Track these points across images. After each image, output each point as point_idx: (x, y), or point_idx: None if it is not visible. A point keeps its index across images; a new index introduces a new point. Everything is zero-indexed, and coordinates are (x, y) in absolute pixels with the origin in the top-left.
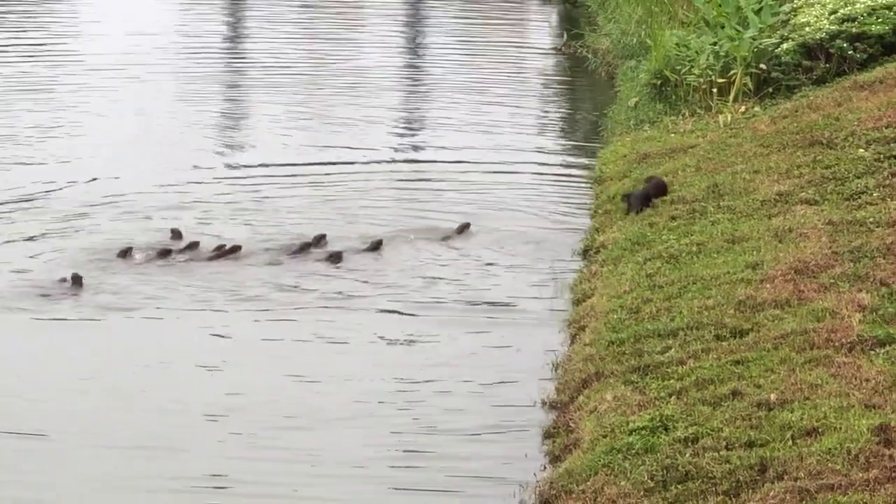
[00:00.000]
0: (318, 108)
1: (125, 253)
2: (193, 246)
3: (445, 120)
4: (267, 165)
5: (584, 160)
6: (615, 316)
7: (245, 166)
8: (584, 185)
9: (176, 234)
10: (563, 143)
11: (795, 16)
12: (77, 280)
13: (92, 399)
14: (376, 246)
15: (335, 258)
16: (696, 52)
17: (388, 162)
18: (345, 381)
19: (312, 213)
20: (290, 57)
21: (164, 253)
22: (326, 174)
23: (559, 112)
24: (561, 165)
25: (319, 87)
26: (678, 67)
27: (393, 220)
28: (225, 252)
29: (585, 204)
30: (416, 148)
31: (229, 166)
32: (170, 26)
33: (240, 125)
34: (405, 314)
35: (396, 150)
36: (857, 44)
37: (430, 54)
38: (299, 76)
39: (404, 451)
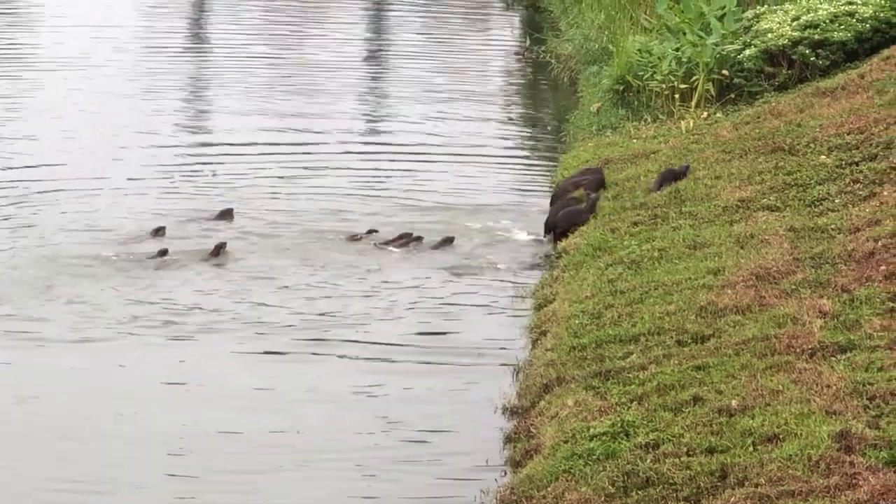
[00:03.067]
0: (279, 102)
1: (157, 231)
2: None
3: (406, 124)
4: (229, 155)
5: (547, 165)
6: (577, 321)
7: (206, 154)
8: (546, 190)
9: (226, 214)
10: (525, 148)
11: (758, 22)
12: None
13: (29, 431)
14: (448, 241)
15: (447, 242)
16: (659, 58)
17: (344, 166)
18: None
19: (277, 206)
20: (252, 52)
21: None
22: (288, 166)
23: (521, 117)
24: (523, 170)
25: (281, 82)
26: (640, 73)
27: (353, 221)
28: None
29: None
30: (375, 149)
31: (190, 156)
32: (130, 21)
33: (199, 118)
34: (366, 328)
35: (353, 154)
36: (820, 50)
37: (391, 60)
38: (261, 70)
39: (367, 447)
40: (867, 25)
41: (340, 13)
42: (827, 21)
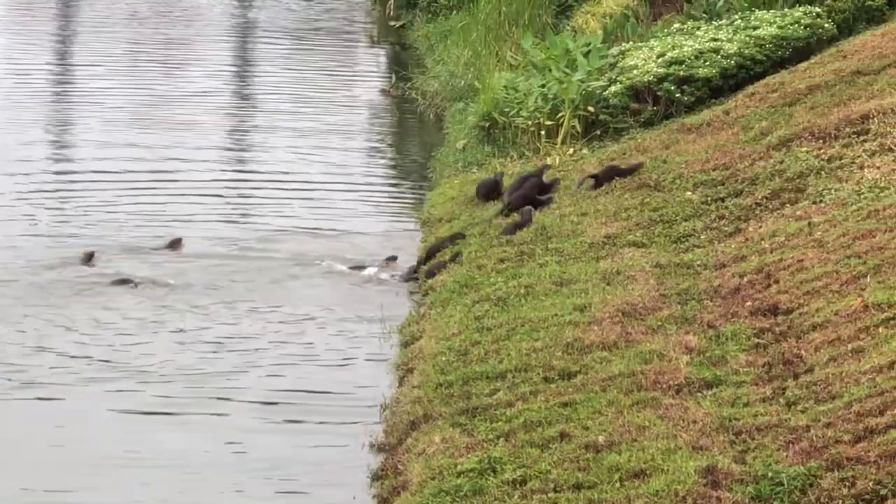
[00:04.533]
0: (144, 134)
1: (89, 258)
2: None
3: (270, 162)
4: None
5: (413, 202)
6: (443, 358)
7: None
8: (412, 227)
9: (175, 243)
10: (391, 185)
11: (623, 59)
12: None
13: None
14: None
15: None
16: (525, 94)
17: (209, 196)
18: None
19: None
20: (116, 83)
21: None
22: (152, 197)
23: (387, 154)
24: (389, 207)
25: (146, 114)
26: (507, 110)
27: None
28: None
29: (414, 246)
30: (240, 181)
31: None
32: None
33: (62, 149)
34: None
35: (218, 184)
36: (685, 87)
37: (257, 94)
38: (126, 102)
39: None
40: (732, 62)
41: (206, 47)
42: (692, 58)
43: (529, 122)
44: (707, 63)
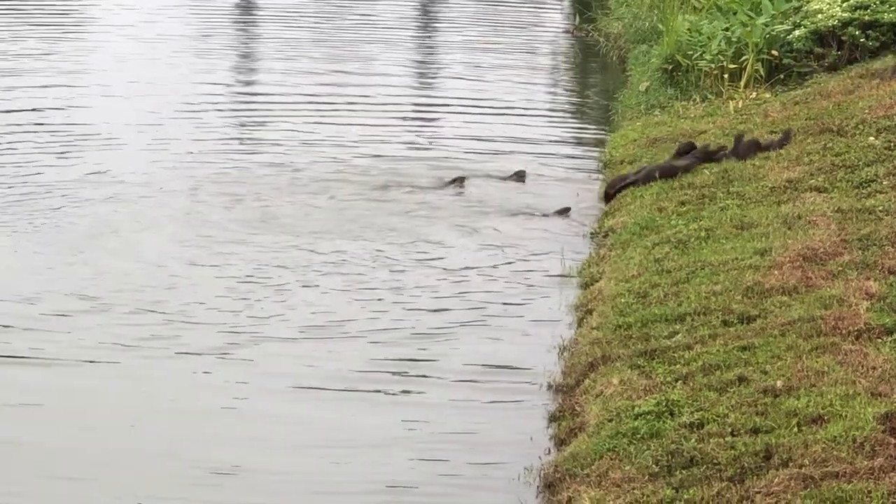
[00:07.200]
0: (331, 65)
1: (459, 181)
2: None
3: (452, 101)
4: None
5: (594, 143)
6: (623, 300)
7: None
8: (593, 168)
9: (520, 176)
10: (573, 126)
11: (808, 3)
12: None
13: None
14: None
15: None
16: (708, 37)
17: (389, 143)
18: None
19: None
20: (300, 28)
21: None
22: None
23: (569, 95)
24: (570, 148)
25: (332, 46)
26: (690, 53)
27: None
28: None
29: (594, 187)
30: (422, 126)
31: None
32: None
33: (252, 81)
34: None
35: (400, 128)
36: (870, 31)
37: (439, 35)
38: (310, 45)
39: (406, 427)
40: None
41: None
42: (877, 2)
43: (713, 66)
44: (892, 7)
